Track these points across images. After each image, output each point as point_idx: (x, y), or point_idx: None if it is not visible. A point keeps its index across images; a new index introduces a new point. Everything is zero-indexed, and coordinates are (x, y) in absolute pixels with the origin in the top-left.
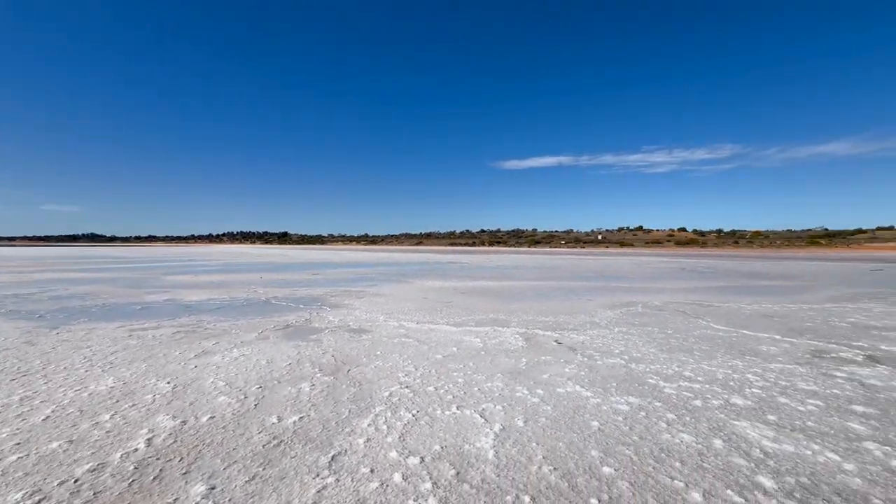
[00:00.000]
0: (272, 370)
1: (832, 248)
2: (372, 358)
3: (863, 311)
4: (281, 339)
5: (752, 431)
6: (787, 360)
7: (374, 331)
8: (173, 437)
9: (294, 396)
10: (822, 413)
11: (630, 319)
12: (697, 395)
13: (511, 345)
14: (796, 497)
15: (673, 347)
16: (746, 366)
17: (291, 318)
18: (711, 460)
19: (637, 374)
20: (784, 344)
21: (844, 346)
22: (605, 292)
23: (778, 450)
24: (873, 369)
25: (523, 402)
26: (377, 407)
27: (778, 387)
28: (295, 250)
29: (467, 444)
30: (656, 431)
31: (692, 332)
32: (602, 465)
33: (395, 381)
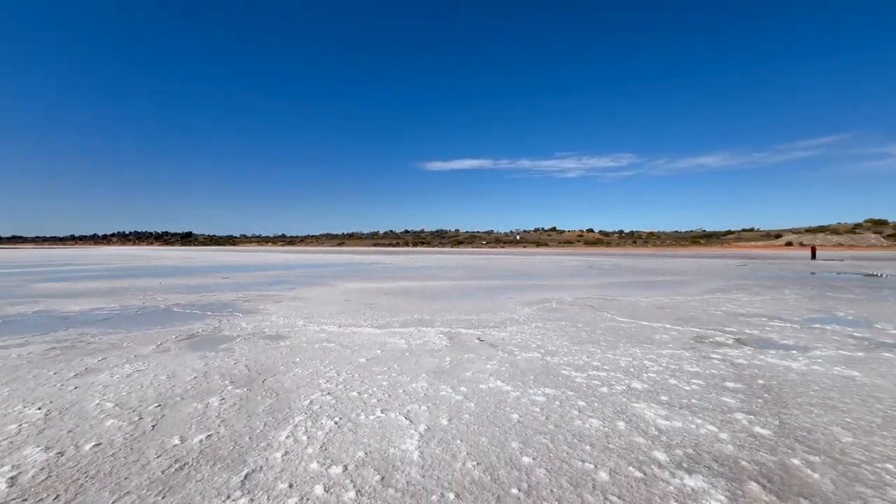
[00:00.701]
0: (174, 386)
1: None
2: (290, 366)
3: (732, 301)
4: (185, 351)
5: (648, 412)
6: (676, 346)
7: (292, 337)
8: (46, 472)
9: (201, 413)
10: (703, 391)
11: (545, 315)
12: (604, 383)
13: (435, 344)
14: (684, 467)
15: (583, 339)
16: (644, 353)
17: (198, 327)
18: (616, 441)
19: (552, 366)
20: (673, 332)
21: (719, 331)
22: (523, 290)
23: (669, 426)
24: (741, 350)
25: (447, 401)
26: (296, 417)
27: (669, 370)
28: (201, 252)
29: (392, 448)
30: (569, 419)
31: (599, 325)
32: (522, 456)
33: (315, 389)
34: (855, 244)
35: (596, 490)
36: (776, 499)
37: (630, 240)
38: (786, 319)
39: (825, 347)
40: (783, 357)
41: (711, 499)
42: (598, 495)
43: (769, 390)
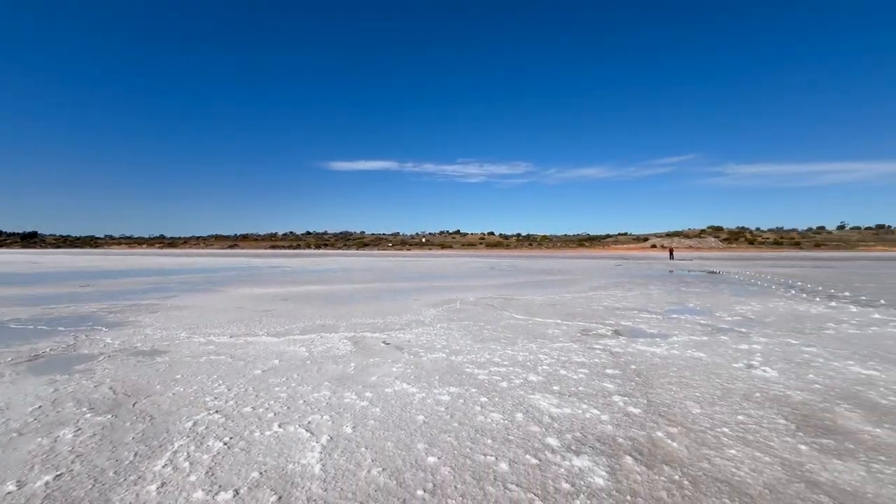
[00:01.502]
0: (7, 420)
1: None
2: (169, 384)
3: (611, 297)
4: (25, 376)
5: (543, 402)
6: (566, 339)
7: (172, 351)
8: None
9: (47, 449)
10: (588, 379)
11: (450, 315)
12: (504, 378)
13: (339, 350)
14: (573, 449)
15: (485, 338)
16: (539, 347)
17: (44, 346)
18: (515, 432)
19: (457, 365)
20: (563, 326)
21: (600, 324)
22: (429, 291)
23: (561, 413)
24: (617, 340)
25: (352, 408)
26: (176, 442)
27: (560, 362)
28: (52, 255)
29: (291, 464)
30: (472, 415)
31: (499, 323)
32: (427, 456)
33: (201, 408)
34: (701, 246)
35: (497, 481)
36: (645, 468)
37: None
38: (652, 311)
39: (680, 334)
40: (650, 344)
41: (595, 475)
42: (498, 486)
43: (640, 374)
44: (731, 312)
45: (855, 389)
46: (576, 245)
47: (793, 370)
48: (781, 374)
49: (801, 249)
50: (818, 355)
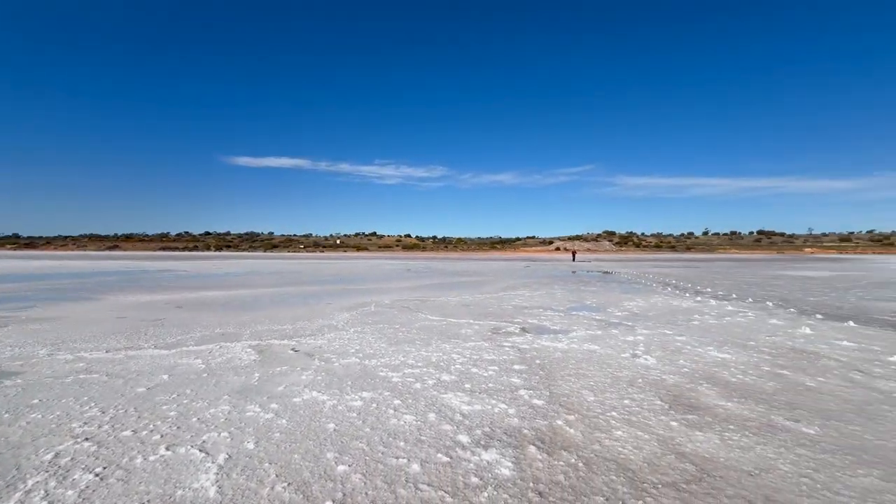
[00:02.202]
0: None
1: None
2: (22, 411)
3: (520, 297)
4: None
5: (455, 400)
6: (478, 338)
7: (27, 372)
8: None
9: None
10: (497, 375)
11: (364, 319)
12: (418, 379)
13: (242, 360)
14: (482, 444)
15: (400, 340)
16: (452, 347)
17: None
18: (427, 432)
19: (370, 369)
20: (476, 326)
21: (510, 322)
22: (343, 294)
23: (471, 410)
24: (524, 337)
25: (255, 422)
26: (30, 480)
27: (472, 361)
28: None
29: (181, 490)
30: (385, 419)
31: (414, 325)
32: (337, 465)
33: (65, 436)
34: (597, 249)
35: (408, 483)
36: (547, 455)
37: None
38: (555, 309)
39: (578, 329)
40: (553, 340)
41: (502, 466)
42: (410, 488)
43: (543, 368)
44: (621, 308)
45: (713, 371)
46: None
47: (667, 357)
48: (659, 361)
49: (675, 252)
50: (687, 343)
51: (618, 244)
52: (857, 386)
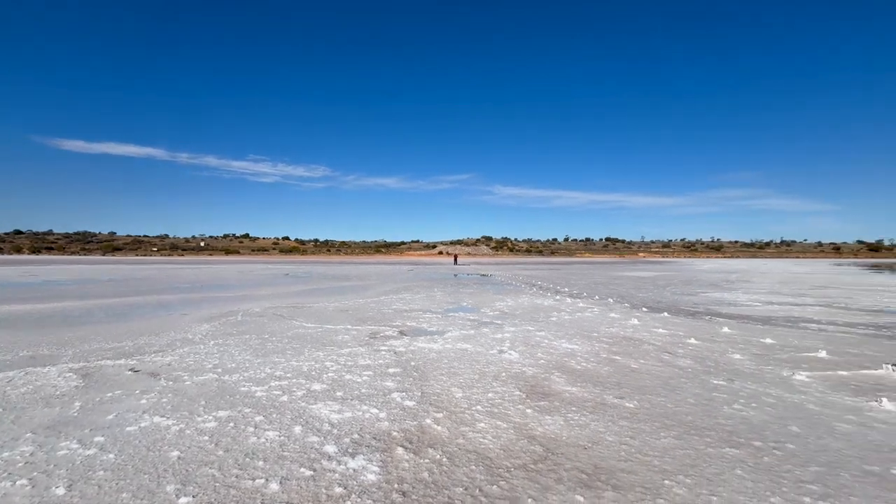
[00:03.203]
0: None
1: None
2: None
3: (401, 300)
4: None
5: (324, 410)
6: (355, 343)
7: None
8: None
9: None
10: (371, 380)
11: (228, 330)
12: (285, 391)
13: (58, 388)
14: (349, 452)
15: (269, 350)
16: (326, 355)
17: None
18: (291, 447)
19: (230, 385)
20: (353, 332)
21: (388, 326)
22: (204, 303)
23: (341, 419)
24: (402, 340)
25: (69, 461)
26: None
27: (346, 367)
28: None
29: None
30: (243, 438)
31: (287, 333)
32: (178, 498)
33: None
34: (477, 253)
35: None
36: (413, 455)
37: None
38: (433, 311)
39: (454, 330)
40: (429, 341)
41: (368, 472)
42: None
43: (418, 369)
44: (493, 308)
45: (563, 360)
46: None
47: (528, 351)
48: (521, 356)
49: (542, 255)
50: (545, 337)
51: (494, 248)
52: (665, 365)
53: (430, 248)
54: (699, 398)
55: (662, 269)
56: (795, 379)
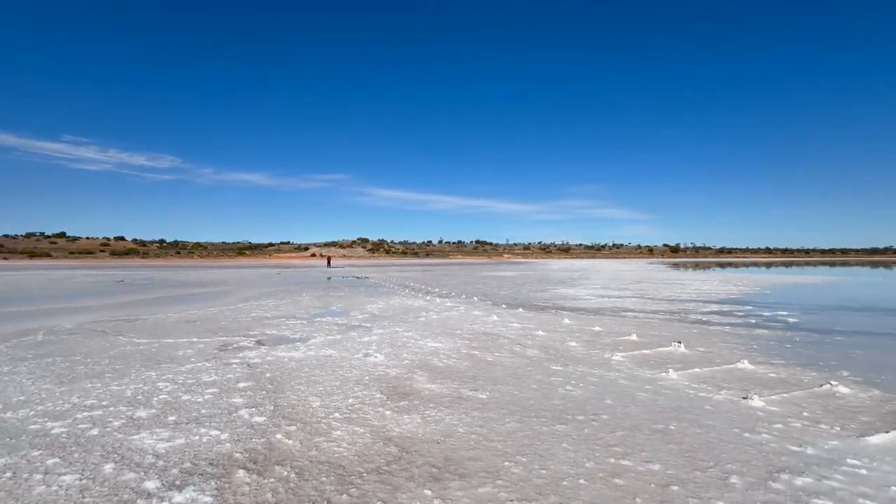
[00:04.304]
0: None
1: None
2: None
3: (262, 307)
4: None
5: (149, 439)
6: (199, 358)
7: None
8: None
9: None
10: (215, 398)
11: (21, 354)
12: (97, 423)
13: None
14: (176, 485)
15: (79, 375)
16: (160, 374)
17: None
18: (95, 491)
19: (12, 424)
20: (200, 345)
21: (244, 336)
22: None
23: (170, 447)
24: (258, 350)
25: None
26: None
27: (185, 387)
28: None
29: None
30: (25, 490)
31: (109, 352)
32: None
33: None
34: (352, 255)
35: None
36: (257, 476)
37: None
38: (299, 317)
39: (319, 335)
40: (290, 349)
41: None
42: None
43: (273, 381)
44: (363, 311)
45: (427, 359)
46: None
47: (394, 352)
48: (386, 357)
49: (418, 257)
50: (412, 338)
51: (371, 250)
52: (516, 356)
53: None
54: (540, 383)
55: (522, 269)
56: (613, 359)
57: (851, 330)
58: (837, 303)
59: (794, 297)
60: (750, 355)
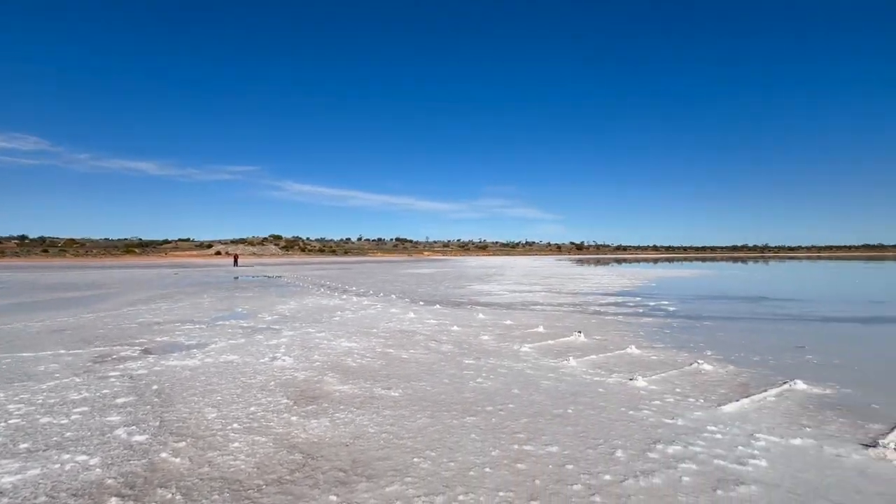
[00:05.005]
0: None
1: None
2: None
3: (153, 311)
4: None
5: None
6: (67, 373)
7: None
8: None
9: None
10: (84, 418)
11: None
12: None
13: None
14: None
15: None
16: (11, 395)
17: None
18: None
19: None
20: (68, 357)
21: (128, 345)
22: None
23: (19, 481)
24: (145, 361)
25: None
26: None
27: (45, 407)
28: None
29: None
30: None
31: None
32: None
33: None
34: (263, 253)
35: None
36: (134, 503)
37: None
38: (197, 321)
39: (220, 340)
40: (184, 357)
41: None
42: None
43: (161, 394)
44: (273, 312)
45: (340, 360)
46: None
47: (305, 354)
48: (296, 360)
49: (336, 255)
50: (325, 338)
51: (285, 248)
52: (431, 352)
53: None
54: (453, 378)
55: (441, 267)
56: (522, 350)
57: (715, 316)
58: (706, 293)
59: (673, 288)
60: (637, 341)
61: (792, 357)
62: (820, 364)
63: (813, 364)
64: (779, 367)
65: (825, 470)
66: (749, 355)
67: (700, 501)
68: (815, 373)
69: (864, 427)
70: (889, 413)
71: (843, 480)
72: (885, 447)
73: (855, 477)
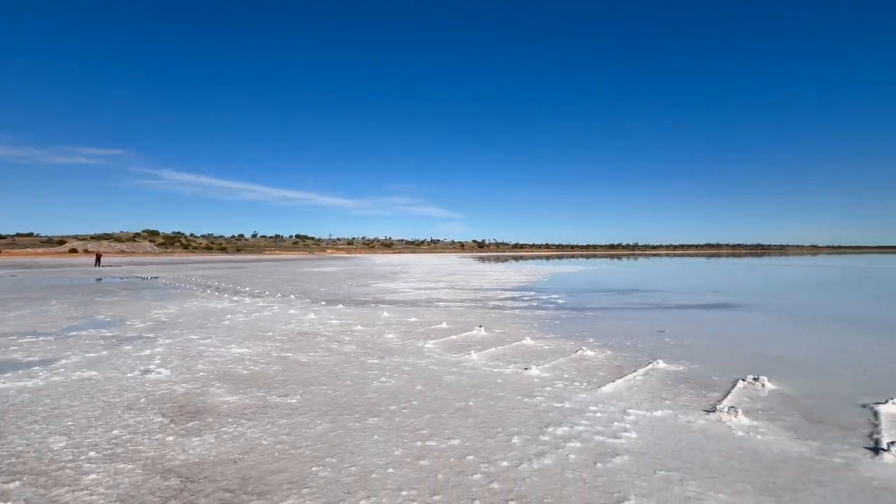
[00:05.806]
0: None
1: None
2: None
3: None
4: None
5: None
6: None
7: None
8: None
9: None
10: None
11: None
12: None
13: None
14: None
15: None
16: None
17: None
18: None
19: None
20: None
21: None
22: None
23: None
24: None
25: None
26: None
27: None
28: None
29: None
30: None
31: None
32: None
33: None
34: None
35: None
36: None
37: None
38: (41, 333)
39: (74, 354)
40: (21, 377)
41: None
42: None
43: None
44: (145, 318)
45: (229, 368)
46: None
47: (185, 365)
48: (174, 372)
49: (227, 253)
50: (211, 345)
51: (162, 245)
52: (333, 353)
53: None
54: (356, 379)
55: (346, 265)
56: (426, 347)
57: (596, 307)
58: (589, 287)
59: (563, 283)
60: (531, 332)
61: (655, 340)
62: (675, 345)
63: (670, 346)
64: (645, 350)
65: (680, 435)
66: (622, 340)
67: (584, 475)
68: (672, 353)
69: (706, 396)
70: (723, 382)
71: (692, 443)
72: (720, 411)
73: (700, 439)
